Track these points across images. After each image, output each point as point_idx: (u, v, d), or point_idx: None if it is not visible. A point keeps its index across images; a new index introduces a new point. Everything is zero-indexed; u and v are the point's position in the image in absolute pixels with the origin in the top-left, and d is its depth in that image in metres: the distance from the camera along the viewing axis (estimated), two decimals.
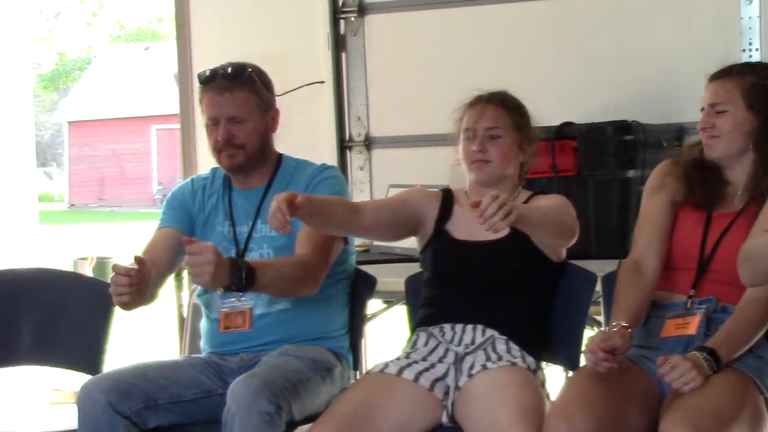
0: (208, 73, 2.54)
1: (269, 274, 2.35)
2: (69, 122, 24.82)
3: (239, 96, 2.46)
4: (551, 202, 2.37)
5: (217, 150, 2.51)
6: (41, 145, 22.30)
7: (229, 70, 2.49)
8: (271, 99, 2.57)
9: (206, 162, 3.09)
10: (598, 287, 2.39)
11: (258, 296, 2.47)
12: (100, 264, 5.55)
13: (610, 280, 2.31)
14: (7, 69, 4.52)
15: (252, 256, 2.53)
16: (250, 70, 2.52)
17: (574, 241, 2.34)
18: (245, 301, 2.50)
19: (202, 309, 2.68)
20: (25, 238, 4.49)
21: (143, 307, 2.52)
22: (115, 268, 2.34)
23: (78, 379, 2.86)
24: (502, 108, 2.37)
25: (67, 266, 5.59)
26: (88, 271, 5.42)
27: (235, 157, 2.49)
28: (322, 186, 2.54)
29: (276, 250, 2.54)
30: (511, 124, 2.38)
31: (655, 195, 2.35)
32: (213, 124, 2.49)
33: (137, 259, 2.32)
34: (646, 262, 2.25)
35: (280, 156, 2.62)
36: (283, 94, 3.20)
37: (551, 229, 2.25)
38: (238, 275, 2.24)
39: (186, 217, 2.66)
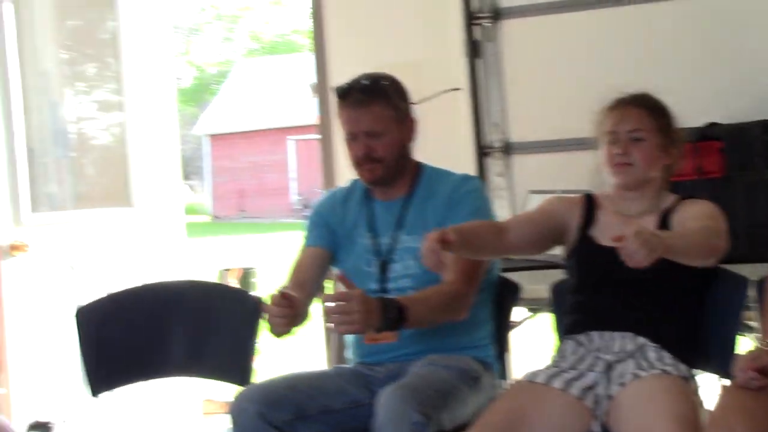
0: (344, 87, 2.57)
1: (419, 311, 2.37)
2: (209, 135, 25.71)
3: (376, 110, 2.48)
4: (701, 214, 2.33)
5: (357, 164, 2.54)
6: (183, 158, 23.73)
7: (365, 83, 2.52)
8: (407, 109, 2.58)
9: (346, 172, 3.08)
10: (752, 292, 2.36)
11: None
12: (245, 274, 5.76)
13: (764, 284, 2.31)
14: (153, 85, 4.65)
15: (395, 268, 2.56)
16: (385, 82, 2.54)
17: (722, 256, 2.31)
18: None
19: None
20: (173, 251, 4.64)
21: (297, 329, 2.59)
22: (269, 304, 2.42)
23: (229, 390, 3.00)
24: (645, 110, 2.36)
25: (213, 277, 5.83)
26: (233, 281, 5.60)
27: (374, 171, 2.52)
28: (464, 200, 2.56)
29: (419, 261, 2.49)
30: (654, 126, 2.36)
31: None
32: (351, 138, 2.52)
33: (287, 295, 2.38)
34: None
35: (419, 165, 2.64)
36: (420, 102, 3.18)
37: (698, 256, 2.22)
38: (389, 316, 2.27)
39: (329, 233, 2.70)
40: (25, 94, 3.98)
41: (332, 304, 2.31)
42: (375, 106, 2.52)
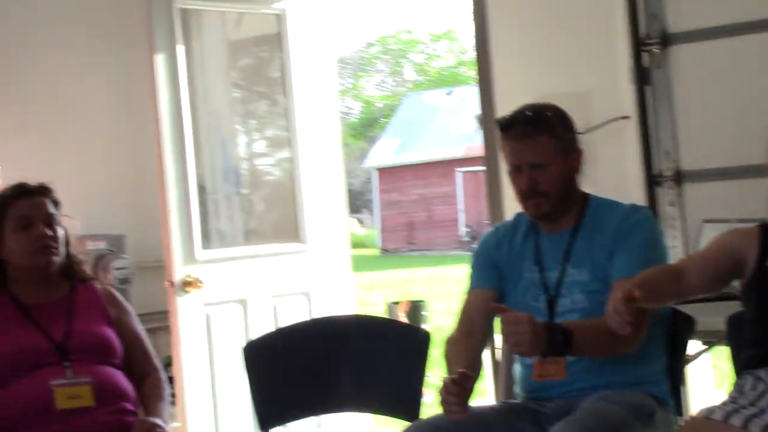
0: (507, 119, 2.56)
1: (585, 337, 2.36)
2: (377, 168, 26.30)
3: (540, 142, 2.46)
4: None
5: (522, 197, 2.54)
6: (353, 192, 25.20)
7: (528, 114, 2.51)
8: (573, 140, 2.56)
9: (513, 204, 2.97)
10: None
11: None
12: (414, 308, 5.84)
13: None
14: (320, 120, 4.74)
15: (563, 302, 2.54)
16: (549, 113, 2.53)
17: None
18: None
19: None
20: (341, 285, 4.70)
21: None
22: (442, 389, 2.39)
23: (398, 424, 2.96)
24: None
25: (382, 310, 5.85)
26: (402, 315, 5.68)
27: (540, 206, 2.51)
28: (634, 232, 2.53)
29: (588, 295, 2.53)
30: None
31: None
32: (516, 171, 2.52)
33: (458, 380, 2.37)
34: None
35: (586, 196, 2.62)
36: (587, 131, 3.21)
37: None
38: (556, 340, 2.27)
39: (494, 272, 2.70)
40: (196, 133, 4.15)
41: (505, 320, 2.33)
42: (539, 138, 2.50)
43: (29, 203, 2.82)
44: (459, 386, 2.35)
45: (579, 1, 4.00)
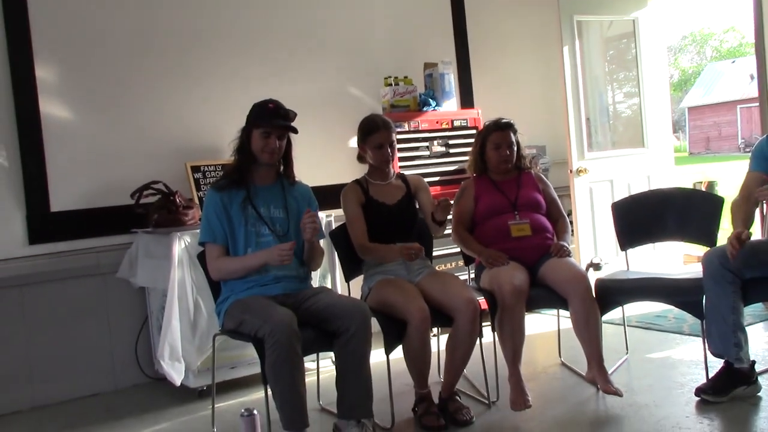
0: None
1: None
2: (688, 108, 37.68)
3: None
4: None
5: None
6: (673, 122, 34.94)
7: None
8: None
9: None
10: None
11: None
12: (710, 185, 6.62)
13: None
14: (657, 82, 6.01)
15: None
16: None
17: None
18: None
19: None
20: (667, 172, 5.83)
21: None
22: (731, 239, 3.16)
23: (701, 249, 4.02)
24: None
25: (691, 185, 6.78)
26: (703, 188, 6.51)
27: None
28: None
29: None
30: None
31: None
32: None
33: (739, 233, 3.15)
34: None
35: None
36: None
37: None
38: None
39: (765, 162, 3.42)
40: (585, 89, 5.72)
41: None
42: None
43: (501, 134, 3.88)
44: (739, 241, 3.06)
45: None
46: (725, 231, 3.40)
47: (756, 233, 4.84)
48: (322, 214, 3.94)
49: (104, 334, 4.44)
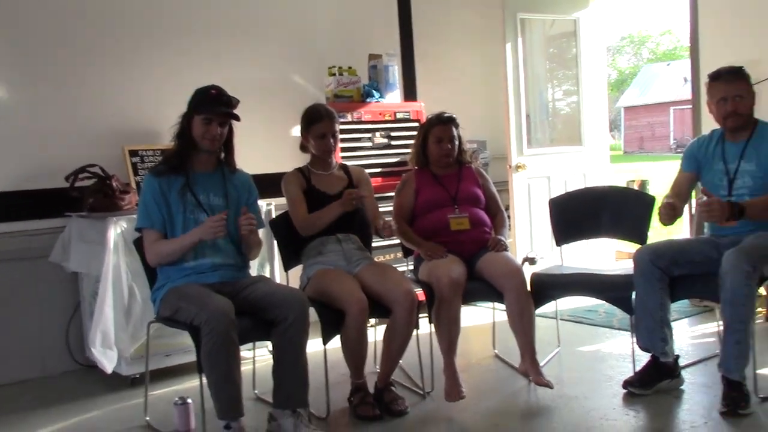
0: (718, 71, 3.40)
1: (754, 209, 3.14)
2: (624, 107, 38.29)
3: (740, 84, 3.33)
4: None
5: (725, 117, 3.37)
6: (610, 120, 31.64)
7: (733, 68, 3.35)
8: (752, 86, 3.38)
9: (706, 127, 4.05)
10: None
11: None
12: (642, 184, 6.86)
13: None
14: (594, 81, 6.07)
15: (737, 183, 3.34)
16: (743, 69, 3.37)
17: None
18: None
19: None
20: (602, 170, 5.91)
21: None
22: (664, 204, 3.28)
23: (632, 246, 4.08)
24: None
25: (624, 184, 6.08)
26: (635, 187, 6.41)
27: (737, 120, 3.34)
28: None
29: (754, 179, 3.32)
30: None
31: None
32: (723, 101, 3.34)
33: (670, 204, 3.28)
34: None
35: (756, 120, 3.43)
36: (757, 83, 3.92)
37: None
38: (734, 212, 3.08)
39: (696, 163, 3.56)
40: (526, 85, 5.77)
41: (702, 203, 3.09)
42: (740, 82, 3.33)
43: (444, 128, 3.86)
44: (671, 207, 3.22)
45: (756, 9, 5.00)
46: (655, 230, 3.47)
47: (684, 232, 5.11)
48: (262, 203, 3.91)
49: (34, 320, 4.34)
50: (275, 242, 3.96)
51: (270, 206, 4.46)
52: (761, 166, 3.33)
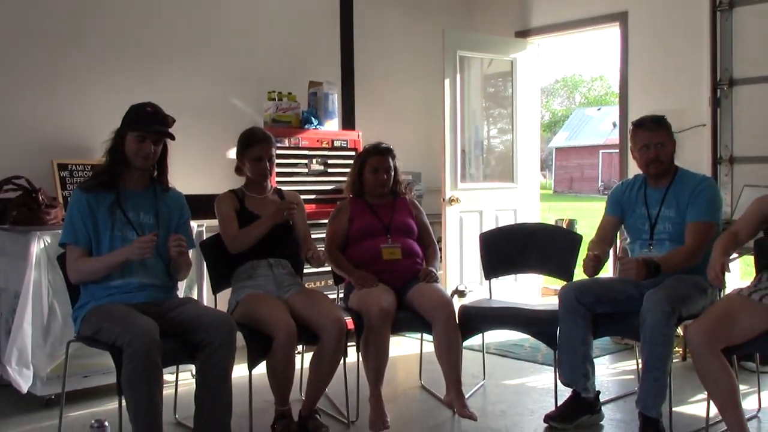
0: (642, 119, 3.48)
1: (668, 265, 3.22)
2: (555, 148, 39.02)
3: (662, 132, 3.42)
4: None
5: (647, 163, 3.45)
6: (541, 160, 36.13)
7: (655, 118, 3.46)
8: (672, 135, 3.50)
9: (631, 172, 4.38)
10: None
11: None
12: (570, 223, 6.93)
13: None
14: (528, 120, 6.17)
15: (658, 228, 3.44)
16: (664, 118, 3.48)
17: None
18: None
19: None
20: (533, 207, 6.05)
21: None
22: (588, 256, 3.33)
23: (558, 283, 4.09)
24: None
25: (553, 222, 6.86)
26: (563, 225, 6.55)
27: (658, 167, 3.43)
28: (704, 191, 3.38)
29: (674, 225, 3.41)
30: None
31: None
32: (646, 147, 3.43)
33: (595, 256, 3.34)
34: None
35: (676, 168, 3.54)
36: (680, 131, 4.68)
37: None
38: (650, 269, 3.15)
39: (619, 207, 3.64)
40: (462, 122, 5.90)
41: (621, 263, 3.19)
42: (661, 131, 3.43)
43: (380, 158, 3.91)
44: (596, 259, 3.29)
45: (682, 63, 5.32)
46: (581, 268, 3.57)
47: (609, 272, 5.29)
48: (193, 224, 3.86)
49: None
50: (205, 264, 3.89)
51: (201, 227, 4.40)
52: (680, 213, 3.41)
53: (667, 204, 3.42)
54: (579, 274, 3.63)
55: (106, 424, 3.11)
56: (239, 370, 3.25)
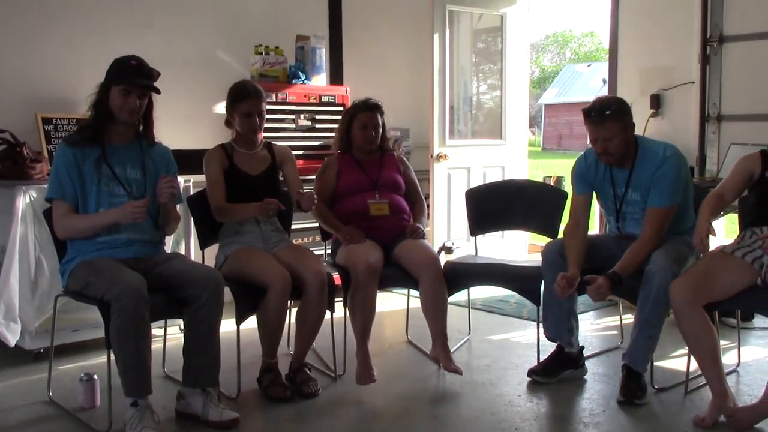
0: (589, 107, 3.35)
1: (629, 268, 3.24)
2: (545, 104, 38.95)
3: (609, 125, 3.26)
4: None
5: (598, 155, 3.38)
6: (530, 116, 35.80)
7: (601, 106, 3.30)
8: (630, 119, 3.33)
9: None
10: None
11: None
12: (558, 180, 7.19)
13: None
14: (518, 76, 6.15)
15: (626, 209, 3.44)
16: (613, 107, 3.29)
17: None
18: None
19: None
20: (521, 164, 6.05)
21: None
22: (559, 280, 3.30)
23: (543, 239, 4.16)
24: None
25: (541, 179, 7.09)
26: (551, 182, 6.86)
27: (609, 160, 3.36)
28: (663, 176, 3.28)
29: (642, 210, 3.38)
30: None
31: None
32: (593, 142, 3.36)
33: (570, 277, 3.29)
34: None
35: (637, 144, 3.38)
36: (669, 89, 4.82)
37: None
38: (615, 282, 3.22)
39: (589, 186, 3.57)
40: (451, 77, 5.88)
41: (591, 289, 3.19)
42: (608, 123, 3.28)
43: (369, 114, 3.89)
44: (568, 283, 3.24)
45: (672, 20, 5.28)
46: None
47: (594, 228, 5.21)
48: (180, 179, 3.83)
49: None
50: (192, 219, 3.89)
51: (189, 183, 4.39)
52: (643, 196, 3.38)
53: (634, 186, 3.39)
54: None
55: (95, 377, 3.16)
56: (227, 325, 3.26)
